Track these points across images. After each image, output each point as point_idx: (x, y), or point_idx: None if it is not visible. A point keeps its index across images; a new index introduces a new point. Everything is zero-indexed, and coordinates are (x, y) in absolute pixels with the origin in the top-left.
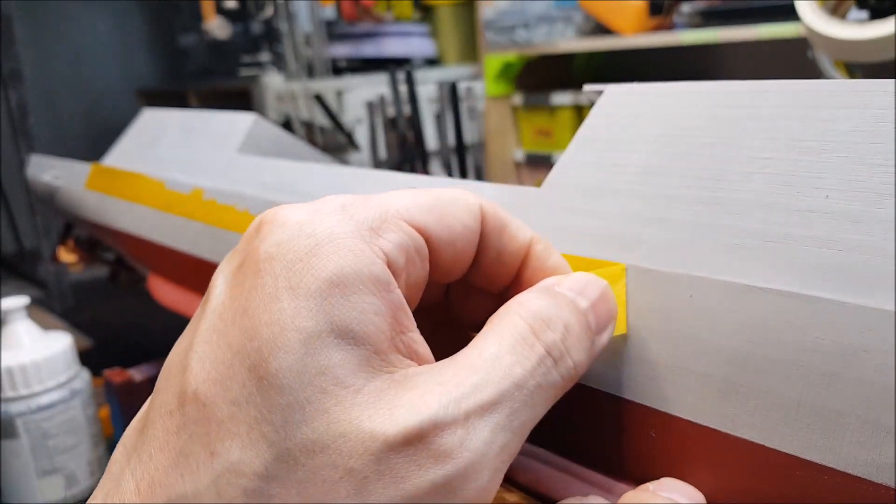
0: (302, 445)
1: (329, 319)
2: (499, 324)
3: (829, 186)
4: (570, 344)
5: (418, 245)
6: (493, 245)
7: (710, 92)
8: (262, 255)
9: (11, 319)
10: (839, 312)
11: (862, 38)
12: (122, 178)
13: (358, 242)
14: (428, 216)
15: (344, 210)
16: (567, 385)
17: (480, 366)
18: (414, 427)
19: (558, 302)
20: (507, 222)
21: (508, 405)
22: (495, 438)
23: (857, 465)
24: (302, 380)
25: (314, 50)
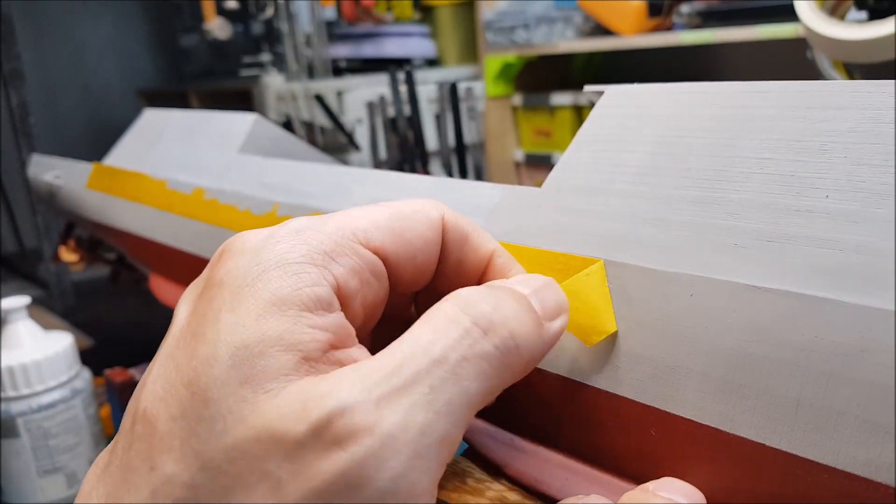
0: (224, 454)
1: (260, 332)
2: (429, 312)
3: (829, 186)
4: (503, 315)
5: (373, 266)
6: (453, 255)
7: (709, 92)
8: (216, 282)
9: (12, 319)
10: (838, 312)
11: (861, 38)
12: (124, 178)
13: (305, 266)
14: (386, 236)
15: (298, 235)
16: (509, 358)
17: (398, 349)
18: (321, 417)
19: (494, 289)
20: (469, 233)
21: (426, 383)
22: (411, 419)
23: (856, 464)
24: (225, 391)
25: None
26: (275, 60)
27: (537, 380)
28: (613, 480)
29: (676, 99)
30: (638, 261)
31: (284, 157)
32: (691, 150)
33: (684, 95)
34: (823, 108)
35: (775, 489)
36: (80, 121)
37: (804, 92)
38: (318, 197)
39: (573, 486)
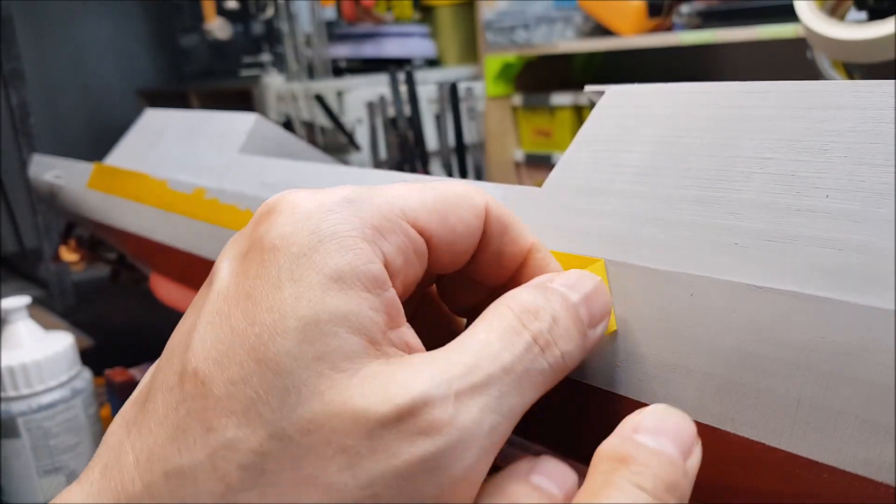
0: (297, 425)
1: (327, 310)
2: (489, 314)
3: (829, 186)
4: (557, 334)
5: (418, 247)
6: (493, 246)
7: (709, 92)
8: (267, 244)
9: (13, 319)
10: (839, 312)
11: (861, 38)
12: (125, 178)
13: (359, 241)
14: (432, 217)
15: (349, 205)
16: (556, 374)
17: (471, 351)
18: (405, 403)
19: (548, 295)
20: (510, 225)
21: (497, 388)
22: (484, 418)
23: (856, 463)
24: (298, 364)
25: (315, 50)
26: (275, 60)
27: None
28: None
29: (676, 99)
30: (638, 260)
31: (285, 157)
32: (691, 149)
33: (684, 95)
34: (823, 108)
35: (775, 489)
36: (80, 121)
37: (804, 92)
38: None
39: None
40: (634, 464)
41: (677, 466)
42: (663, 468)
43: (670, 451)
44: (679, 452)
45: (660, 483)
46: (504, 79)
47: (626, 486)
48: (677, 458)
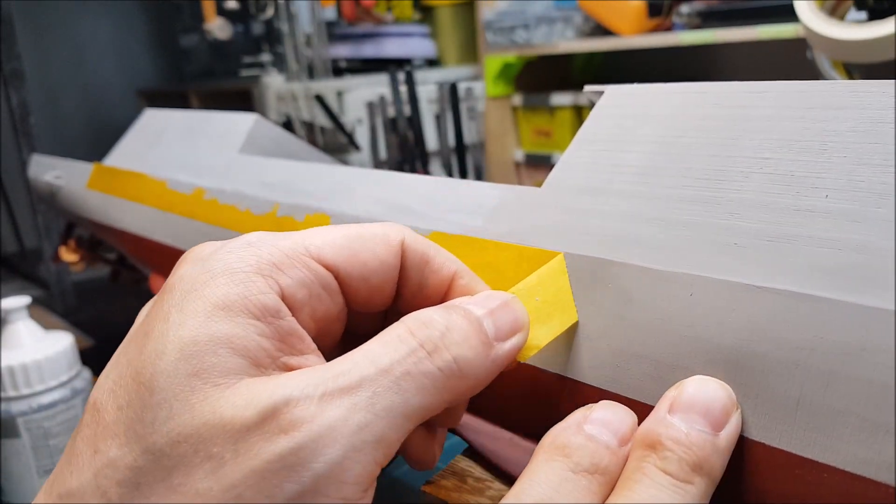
0: (167, 438)
1: (208, 333)
2: (384, 331)
3: (828, 186)
4: (450, 340)
5: (324, 281)
6: (414, 279)
7: (709, 92)
8: (167, 287)
9: (13, 319)
10: (838, 312)
11: (860, 38)
12: (124, 178)
13: (252, 276)
14: (339, 254)
15: (249, 247)
16: (451, 379)
17: (350, 358)
18: (268, 406)
19: (447, 310)
20: (431, 257)
21: (370, 388)
22: (351, 416)
23: (856, 463)
24: (172, 381)
25: (315, 50)
26: (275, 60)
27: (536, 379)
28: None
29: (676, 99)
30: (638, 260)
31: (284, 157)
32: (691, 149)
33: (684, 95)
34: (823, 108)
35: (775, 488)
36: (80, 121)
37: (804, 92)
38: (318, 197)
39: None
40: (662, 448)
41: (704, 444)
42: (689, 450)
43: (699, 428)
44: (710, 427)
45: (685, 465)
46: (504, 79)
47: (653, 472)
48: (706, 435)
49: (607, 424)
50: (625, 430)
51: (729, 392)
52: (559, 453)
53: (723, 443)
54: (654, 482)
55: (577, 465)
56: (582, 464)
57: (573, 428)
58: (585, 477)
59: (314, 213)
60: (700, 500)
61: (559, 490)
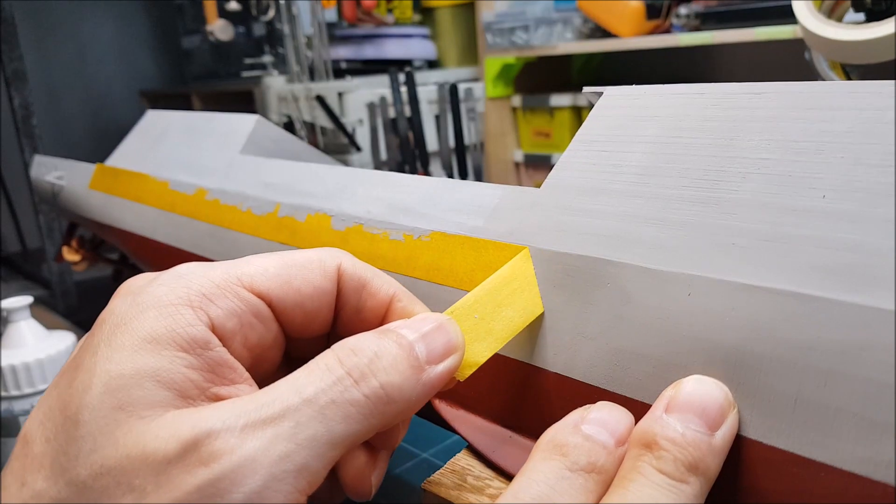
0: (90, 470)
1: (135, 366)
2: (313, 360)
3: (826, 187)
4: (378, 367)
5: (256, 309)
6: (351, 303)
7: (707, 93)
8: (98, 321)
9: (15, 318)
10: (837, 311)
11: (858, 39)
12: (126, 179)
13: (181, 308)
14: (272, 282)
15: (180, 279)
16: (378, 405)
17: (276, 388)
18: (189, 438)
19: (379, 336)
20: (368, 280)
21: (294, 418)
22: (273, 446)
23: (854, 462)
24: (97, 415)
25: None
26: (276, 62)
27: (536, 378)
28: None
29: (675, 100)
30: (637, 260)
31: (286, 157)
32: (689, 150)
33: (682, 96)
34: (821, 109)
35: (773, 487)
36: (82, 122)
37: (802, 93)
38: (319, 197)
39: None
40: (658, 448)
41: (700, 444)
42: (685, 450)
43: (695, 428)
44: (706, 427)
45: (680, 465)
46: (504, 80)
47: (648, 472)
48: (702, 436)
49: (604, 424)
50: (622, 430)
51: (726, 392)
52: (556, 452)
53: (719, 443)
54: (650, 481)
55: (573, 464)
56: (579, 462)
57: (570, 427)
58: (582, 475)
59: (315, 213)
60: (695, 500)
61: (556, 488)
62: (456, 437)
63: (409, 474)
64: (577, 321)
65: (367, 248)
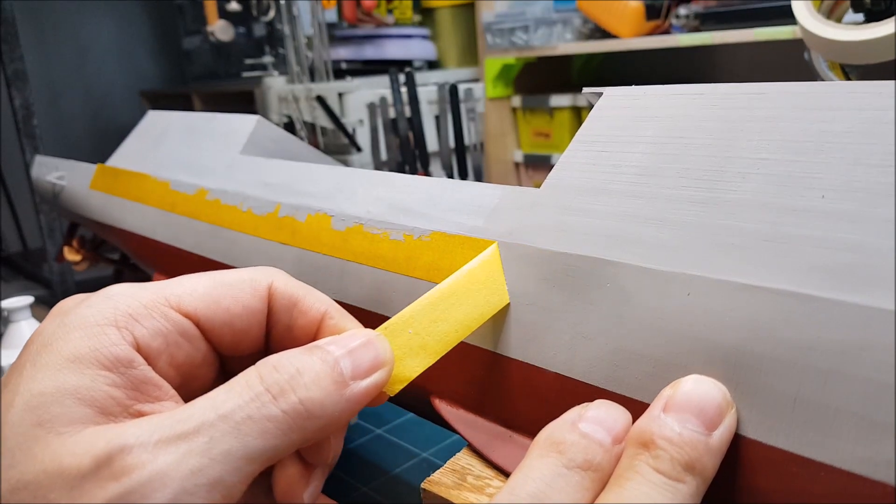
0: (9, 486)
1: (56, 384)
2: (235, 377)
3: (826, 187)
4: (299, 383)
5: (183, 329)
6: (282, 321)
7: (707, 94)
8: (29, 342)
9: (16, 318)
10: (837, 311)
11: (857, 40)
12: (127, 179)
13: (106, 328)
14: (200, 302)
15: (108, 300)
16: (298, 420)
17: (195, 405)
18: (102, 454)
19: (304, 352)
20: (300, 299)
21: (208, 433)
22: (185, 461)
23: (854, 462)
24: (17, 431)
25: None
26: (277, 62)
27: (536, 378)
28: None
29: (675, 100)
30: (637, 260)
31: (286, 157)
32: (689, 150)
33: (682, 97)
34: (820, 109)
35: (773, 486)
36: (83, 122)
37: (801, 93)
38: (319, 197)
39: None
40: (655, 447)
41: (697, 444)
42: (682, 449)
43: (692, 428)
44: (703, 427)
45: (677, 464)
46: (503, 80)
47: (645, 470)
48: (699, 436)
49: (601, 422)
50: (619, 429)
51: (724, 392)
52: (553, 450)
53: (716, 443)
54: (646, 480)
55: (570, 462)
56: (575, 460)
57: (568, 425)
58: (578, 473)
59: (315, 213)
60: (692, 500)
61: (552, 485)
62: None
63: (409, 474)
64: (576, 321)
65: (368, 248)
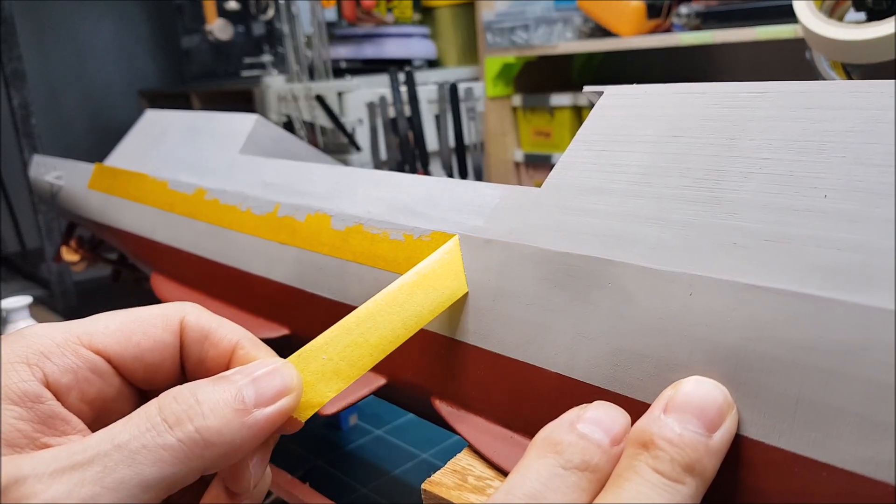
0: None
1: None
2: (139, 408)
3: (827, 186)
4: (196, 412)
5: (94, 365)
6: (195, 353)
7: (708, 93)
8: None
9: (14, 318)
10: (838, 311)
11: (859, 39)
12: (126, 178)
13: (17, 365)
14: (111, 339)
15: (22, 339)
16: (195, 448)
17: (94, 437)
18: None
19: (208, 382)
20: (211, 331)
21: (102, 463)
22: (77, 490)
23: (855, 461)
24: None
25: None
26: (276, 61)
27: (537, 379)
28: None
29: (675, 99)
30: (638, 260)
31: (285, 157)
32: (690, 150)
33: (683, 96)
34: (822, 109)
35: (774, 487)
36: (81, 121)
37: (802, 92)
38: (318, 197)
39: None
40: (654, 448)
41: (697, 445)
42: (682, 450)
43: (693, 429)
44: (704, 429)
45: (677, 465)
46: (504, 79)
47: (644, 471)
48: (699, 437)
49: (600, 423)
50: (617, 430)
51: (725, 394)
52: (551, 450)
53: (716, 444)
54: (646, 480)
55: (567, 462)
56: (573, 461)
57: (566, 426)
58: (575, 473)
59: (315, 213)
60: (691, 500)
61: (548, 485)
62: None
63: (409, 474)
64: (577, 321)
65: (368, 248)
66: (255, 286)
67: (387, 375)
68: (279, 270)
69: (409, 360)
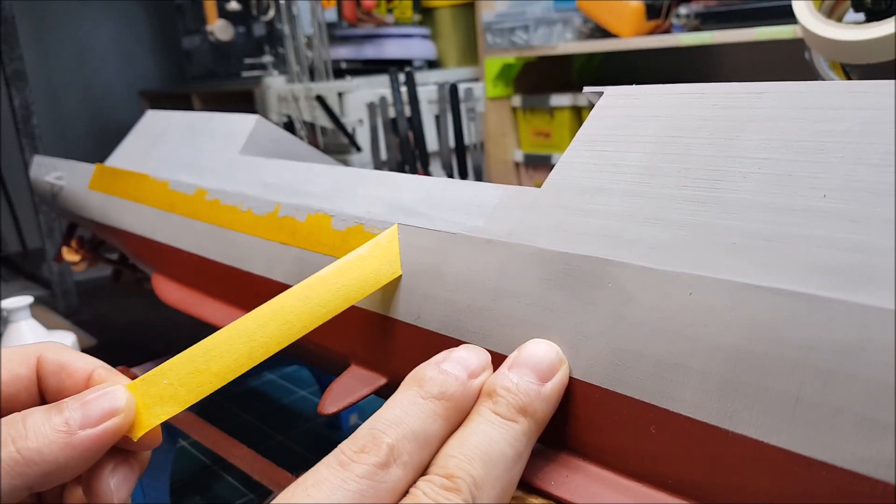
0: None
1: None
2: None
3: (826, 186)
4: (19, 434)
5: None
6: (52, 385)
7: (707, 93)
8: None
9: (16, 318)
10: (837, 311)
11: (858, 39)
12: (126, 179)
13: None
14: None
15: None
16: (18, 468)
17: None
18: None
19: (40, 409)
20: (66, 363)
21: None
22: None
23: (855, 461)
24: None
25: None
26: (276, 62)
27: None
28: (613, 477)
29: (675, 100)
30: (637, 260)
31: (286, 157)
32: (690, 150)
33: (683, 96)
34: (821, 109)
35: (773, 486)
36: (82, 122)
37: (801, 93)
38: (319, 197)
39: (573, 483)
40: (496, 395)
41: (529, 391)
42: (516, 395)
43: (528, 380)
44: (537, 379)
45: (511, 408)
46: (503, 80)
47: (486, 413)
48: (532, 385)
49: (461, 361)
50: (475, 366)
51: (557, 351)
52: (415, 384)
53: (548, 391)
54: (486, 420)
55: (426, 393)
56: (431, 391)
57: (432, 365)
58: (433, 402)
59: (315, 213)
60: (523, 437)
61: (408, 411)
62: None
63: None
64: (577, 321)
65: None
66: (255, 286)
67: (388, 375)
68: (279, 270)
69: (410, 361)
